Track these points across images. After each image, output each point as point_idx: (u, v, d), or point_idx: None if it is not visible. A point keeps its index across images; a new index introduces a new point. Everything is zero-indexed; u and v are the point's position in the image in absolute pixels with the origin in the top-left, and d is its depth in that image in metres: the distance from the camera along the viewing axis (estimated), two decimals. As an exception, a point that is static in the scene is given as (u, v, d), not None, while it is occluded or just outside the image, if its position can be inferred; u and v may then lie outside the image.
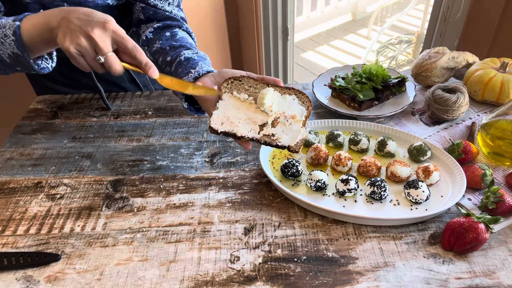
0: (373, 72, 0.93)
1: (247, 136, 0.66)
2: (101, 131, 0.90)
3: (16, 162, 0.82)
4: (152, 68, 0.64)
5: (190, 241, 0.64)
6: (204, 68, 0.73)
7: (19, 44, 0.63)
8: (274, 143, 0.65)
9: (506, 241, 0.62)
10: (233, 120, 0.66)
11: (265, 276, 0.58)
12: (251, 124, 0.66)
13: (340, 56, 3.40)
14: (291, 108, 0.67)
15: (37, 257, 0.61)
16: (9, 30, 0.63)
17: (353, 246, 0.63)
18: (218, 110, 0.67)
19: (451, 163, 0.74)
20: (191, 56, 0.77)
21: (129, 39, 0.62)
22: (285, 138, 0.65)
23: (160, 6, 0.86)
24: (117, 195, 0.73)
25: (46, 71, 0.71)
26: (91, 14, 0.60)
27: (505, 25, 1.51)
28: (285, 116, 0.66)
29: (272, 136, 0.66)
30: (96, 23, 0.59)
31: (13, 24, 0.63)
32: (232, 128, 0.66)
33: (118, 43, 0.62)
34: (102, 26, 0.60)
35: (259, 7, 2.02)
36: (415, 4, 3.59)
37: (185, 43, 0.82)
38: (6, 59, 0.66)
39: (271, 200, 0.71)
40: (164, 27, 0.87)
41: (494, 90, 0.88)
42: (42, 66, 0.69)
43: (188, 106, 0.76)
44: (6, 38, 0.64)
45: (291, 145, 0.65)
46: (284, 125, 0.66)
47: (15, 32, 0.63)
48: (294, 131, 0.66)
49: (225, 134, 0.66)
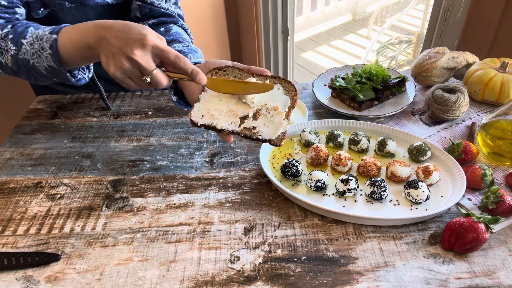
0: (373, 72, 0.93)
1: (227, 129, 0.64)
2: (101, 131, 0.90)
3: (16, 162, 0.82)
4: (199, 74, 0.62)
5: (190, 241, 0.64)
6: (192, 60, 0.73)
7: (55, 58, 0.63)
8: (255, 136, 0.63)
9: (506, 241, 0.62)
10: (214, 113, 0.64)
11: (265, 276, 0.58)
12: (232, 116, 0.64)
13: (340, 56, 3.40)
14: (274, 98, 0.64)
15: (37, 257, 0.61)
16: (46, 43, 0.62)
17: (353, 246, 0.63)
18: (199, 102, 0.65)
19: (451, 163, 0.74)
20: (181, 49, 0.77)
21: (170, 51, 0.60)
22: (266, 131, 0.63)
23: (156, 3, 0.87)
24: (117, 195, 0.73)
25: (83, 82, 0.70)
26: (128, 30, 0.59)
27: (505, 25, 1.51)
28: (267, 108, 0.64)
29: (253, 129, 0.64)
30: (134, 42, 0.58)
31: (50, 37, 0.62)
32: (212, 121, 0.64)
33: (160, 56, 0.60)
34: (141, 44, 0.58)
35: (259, 7, 2.02)
36: (415, 4, 3.59)
37: (178, 37, 0.82)
38: (43, 72, 0.66)
39: (271, 200, 0.71)
40: (159, 23, 0.87)
41: (494, 90, 0.88)
42: (79, 78, 0.69)
43: (177, 99, 0.76)
44: (43, 51, 0.63)
45: (272, 138, 0.63)
46: (265, 117, 0.64)
47: (52, 46, 0.62)
48: (275, 124, 0.63)
49: (205, 127, 0.65)
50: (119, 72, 0.59)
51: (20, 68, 0.67)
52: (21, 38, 0.65)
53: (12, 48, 0.65)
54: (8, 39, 0.65)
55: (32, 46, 0.64)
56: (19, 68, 0.67)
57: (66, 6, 0.82)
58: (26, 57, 0.65)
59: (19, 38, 0.65)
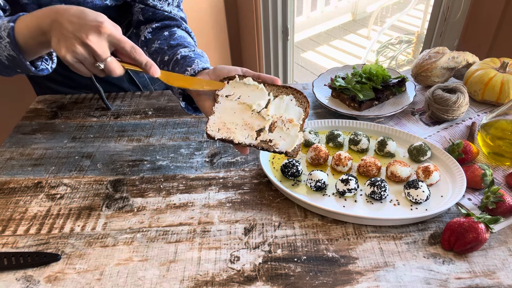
0: (373, 72, 0.93)
1: (244, 142, 0.65)
2: (101, 131, 0.90)
3: (16, 162, 0.82)
4: (152, 67, 0.62)
5: (190, 241, 0.64)
6: (200, 65, 0.72)
7: (13, 46, 0.62)
8: (272, 149, 0.65)
9: (506, 241, 0.62)
10: (230, 126, 0.65)
11: (265, 276, 0.58)
12: (248, 129, 0.65)
13: (340, 56, 3.40)
14: (288, 110, 0.66)
15: (37, 257, 0.61)
16: (4, 31, 0.62)
17: (353, 246, 0.63)
18: (214, 115, 0.66)
19: (451, 163, 0.74)
20: (187, 54, 0.76)
21: (126, 41, 0.60)
22: (282, 144, 0.64)
23: (159, 6, 0.86)
24: (117, 195, 0.73)
25: (46, 72, 0.69)
26: (83, 15, 0.58)
27: (505, 25, 1.51)
28: (283, 121, 0.65)
29: (270, 142, 0.65)
30: (89, 28, 0.57)
31: (8, 26, 0.62)
32: (229, 135, 0.65)
33: (116, 45, 0.60)
34: (97, 30, 0.57)
35: (259, 7, 2.02)
36: (415, 4, 3.59)
37: (182, 41, 0.82)
38: (5, 61, 0.65)
39: (271, 200, 0.71)
40: (162, 27, 0.86)
41: (494, 90, 0.88)
42: (41, 68, 0.68)
43: (185, 105, 0.75)
44: (1, 40, 0.62)
45: (289, 151, 0.64)
46: (281, 130, 0.65)
47: (9, 34, 0.61)
48: (292, 136, 0.65)
49: (222, 141, 0.65)
50: (70, 56, 0.58)
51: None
52: None
53: None
54: None
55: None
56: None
57: None
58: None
59: None
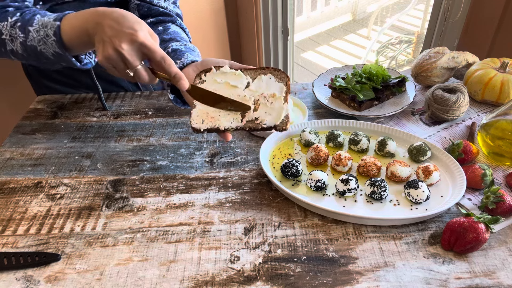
0: (373, 72, 0.93)
1: (231, 127, 0.64)
2: (101, 131, 0.90)
3: (16, 162, 0.82)
4: (181, 80, 0.62)
5: (190, 241, 0.64)
6: (189, 58, 0.73)
7: (59, 44, 0.65)
8: (259, 126, 0.64)
9: (506, 241, 0.62)
10: (213, 115, 0.64)
11: (265, 276, 0.58)
12: (232, 114, 0.64)
13: (340, 56, 3.40)
14: (269, 87, 0.65)
15: (37, 257, 0.61)
16: (50, 30, 0.65)
17: (353, 246, 0.63)
18: (196, 108, 0.65)
19: (451, 163, 0.74)
20: (178, 48, 0.77)
21: (156, 51, 0.61)
22: (269, 119, 0.63)
23: (155, 2, 0.87)
24: (117, 195, 0.73)
25: (89, 66, 0.72)
26: (121, 21, 0.59)
27: (505, 25, 1.51)
28: (265, 97, 0.64)
29: (256, 120, 0.64)
30: (124, 35, 0.58)
31: (54, 24, 0.65)
32: (214, 123, 0.64)
33: (147, 55, 0.61)
34: (130, 38, 0.59)
35: (259, 7, 2.02)
36: (415, 4, 3.59)
37: (175, 36, 0.83)
38: (51, 57, 0.68)
39: (271, 200, 0.71)
40: (157, 22, 0.88)
41: (494, 90, 0.88)
42: (85, 62, 0.71)
43: (174, 98, 0.76)
44: (48, 38, 0.65)
45: (277, 123, 0.63)
46: (265, 106, 0.64)
47: (56, 33, 0.64)
48: (277, 109, 0.64)
49: (208, 131, 0.64)
50: (105, 60, 0.60)
51: (30, 55, 0.69)
52: (28, 25, 0.67)
53: (21, 36, 0.67)
54: (17, 27, 0.67)
55: (38, 33, 0.66)
56: (28, 54, 0.69)
57: (65, 2, 0.83)
58: (34, 44, 0.67)
59: (26, 26, 0.67)
